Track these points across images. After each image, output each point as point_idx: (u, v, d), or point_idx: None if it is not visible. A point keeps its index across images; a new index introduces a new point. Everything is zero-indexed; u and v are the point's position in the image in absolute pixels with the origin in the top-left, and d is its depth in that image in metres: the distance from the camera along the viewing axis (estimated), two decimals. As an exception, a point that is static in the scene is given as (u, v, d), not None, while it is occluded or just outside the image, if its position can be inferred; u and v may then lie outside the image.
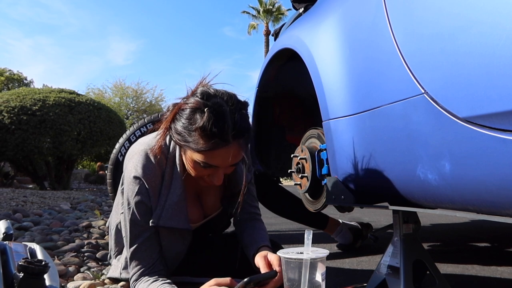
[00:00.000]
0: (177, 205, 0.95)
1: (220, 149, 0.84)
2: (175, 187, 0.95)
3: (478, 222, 2.44)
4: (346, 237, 1.62)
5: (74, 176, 9.07)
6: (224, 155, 0.86)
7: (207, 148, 0.84)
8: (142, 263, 0.94)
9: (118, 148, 1.81)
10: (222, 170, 0.91)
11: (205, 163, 0.87)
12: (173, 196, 0.95)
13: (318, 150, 1.13)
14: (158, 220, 0.93)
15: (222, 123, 0.83)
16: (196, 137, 0.84)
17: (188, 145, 0.86)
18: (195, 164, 0.90)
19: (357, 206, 1.03)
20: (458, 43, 0.63)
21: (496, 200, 0.60)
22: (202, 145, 0.84)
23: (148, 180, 0.93)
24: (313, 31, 1.13)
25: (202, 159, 0.87)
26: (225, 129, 0.83)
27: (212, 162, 0.87)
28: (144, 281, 0.92)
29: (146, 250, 0.94)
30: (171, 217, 0.94)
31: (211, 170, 0.90)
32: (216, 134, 0.82)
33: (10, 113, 5.26)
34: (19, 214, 2.25)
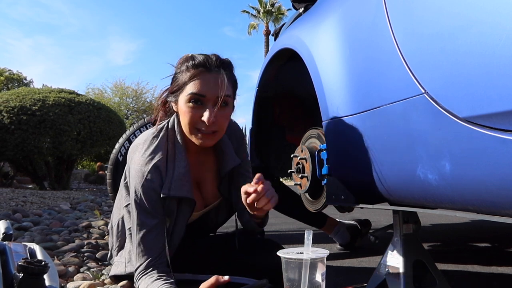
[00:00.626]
0: (184, 176, 1.00)
1: (204, 74, 0.96)
2: (180, 160, 1.01)
3: (478, 222, 2.44)
4: (344, 237, 1.62)
5: (74, 176, 9.07)
6: (209, 81, 0.96)
7: (193, 75, 0.96)
8: (148, 253, 0.96)
9: (118, 148, 1.81)
10: (211, 106, 0.96)
11: (194, 93, 0.95)
12: (180, 168, 1.00)
13: (318, 150, 1.13)
14: (169, 191, 0.97)
15: (205, 56, 0.99)
16: (185, 73, 0.97)
17: (179, 84, 0.98)
18: (187, 108, 0.97)
19: (357, 206, 1.03)
20: (458, 43, 0.63)
21: (496, 200, 0.60)
22: (189, 75, 0.96)
23: (157, 163, 0.98)
24: (313, 31, 1.13)
25: (191, 90, 0.95)
26: (208, 59, 0.98)
27: (199, 90, 0.95)
28: (149, 277, 0.93)
29: (153, 239, 0.96)
30: (180, 187, 0.99)
31: (202, 110, 0.96)
32: (200, 63, 0.97)
33: (10, 113, 5.26)
34: (19, 214, 2.25)
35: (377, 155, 0.86)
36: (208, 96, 0.96)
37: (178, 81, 0.99)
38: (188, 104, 0.96)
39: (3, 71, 18.55)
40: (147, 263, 0.95)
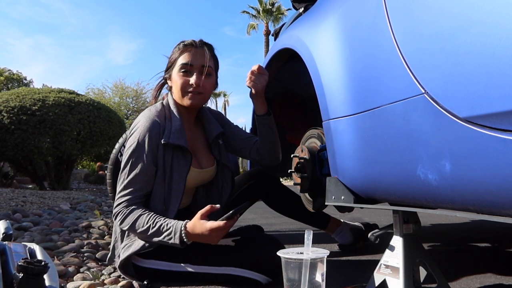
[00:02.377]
0: (180, 131, 1.18)
1: (191, 48, 1.23)
2: (175, 120, 1.21)
3: (478, 222, 2.44)
4: (346, 237, 1.62)
5: (73, 176, 9.08)
6: (195, 53, 1.22)
7: (182, 51, 1.23)
8: (133, 193, 1.11)
9: (118, 148, 1.81)
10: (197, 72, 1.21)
11: (183, 63, 1.21)
12: (175, 124, 1.19)
13: (318, 150, 1.13)
14: (169, 139, 1.15)
15: (193, 40, 1.26)
16: (176, 53, 1.24)
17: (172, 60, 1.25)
18: (178, 77, 1.21)
19: (357, 206, 1.03)
20: (458, 43, 0.63)
21: (496, 200, 0.60)
22: (179, 51, 1.23)
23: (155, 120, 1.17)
24: (313, 31, 1.13)
25: (181, 62, 1.21)
26: (195, 41, 1.25)
27: (187, 59, 1.21)
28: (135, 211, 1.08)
29: (140, 181, 1.12)
30: (177, 137, 1.16)
31: (190, 76, 1.21)
32: (188, 43, 1.24)
33: (10, 113, 5.26)
34: (19, 214, 2.25)
35: (377, 155, 0.86)
36: (195, 65, 1.21)
37: (171, 59, 1.25)
38: (179, 73, 1.21)
39: (3, 71, 18.55)
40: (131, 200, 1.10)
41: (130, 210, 1.09)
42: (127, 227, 1.09)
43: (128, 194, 1.11)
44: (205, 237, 1.01)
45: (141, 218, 1.06)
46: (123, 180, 1.13)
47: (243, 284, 1.09)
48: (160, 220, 1.05)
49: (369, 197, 0.98)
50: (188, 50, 1.22)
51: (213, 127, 1.33)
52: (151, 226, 1.04)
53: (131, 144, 1.14)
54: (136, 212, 1.08)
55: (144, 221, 1.05)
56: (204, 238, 1.02)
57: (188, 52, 1.21)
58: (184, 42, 1.25)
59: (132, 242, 1.13)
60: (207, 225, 0.99)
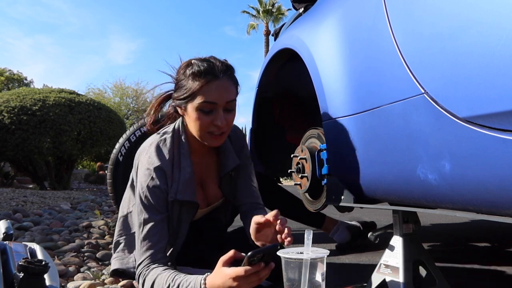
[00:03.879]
0: (189, 181, 1.06)
1: (213, 82, 0.99)
2: (185, 165, 1.06)
3: (478, 222, 2.44)
4: (343, 236, 1.62)
5: (74, 176, 9.08)
6: (218, 88, 0.99)
7: (202, 84, 0.98)
8: (152, 248, 0.99)
9: (118, 148, 1.81)
10: (221, 110, 1.01)
11: (205, 102, 0.99)
12: (185, 173, 1.05)
13: (318, 150, 1.13)
14: (176, 195, 1.03)
15: (209, 62, 1.01)
16: (191, 82, 1.00)
17: (186, 95, 1.01)
18: (198, 114, 1.01)
19: (357, 206, 1.03)
20: (458, 43, 0.63)
21: (496, 200, 0.60)
22: (197, 85, 0.99)
23: (162, 165, 1.03)
24: (313, 31, 1.13)
25: (201, 100, 0.99)
26: (213, 66, 1.00)
27: (210, 98, 0.99)
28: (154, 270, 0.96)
29: (157, 234, 1.01)
30: (185, 191, 1.04)
31: (213, 115, 1.01)
32: (206, 70, 0.99)
33: (10, 113, 5.27)
34: (19, 214, 2.25)
35: (377, 155, 0.87)
36: (219, 103, 1.00)
37: (185, 88, 1.01)
38: (199, 111, 1.01)
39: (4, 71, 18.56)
40: (151, 258, 0.98)
41: (150, 270, 0.97)
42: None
43: (147, 250, 0.99)
44: None
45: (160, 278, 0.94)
46: (139, 235, 1.01)
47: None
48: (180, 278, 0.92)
49: (369, 197, 0.98)
50: (209, 83, 0.99)
51: (230, 159, 1.16)
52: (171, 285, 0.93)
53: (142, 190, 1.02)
54: (155, 272, 0.96)
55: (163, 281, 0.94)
56: None
57: (211, 87, 0.99)
58: (201, 67, 1.00)
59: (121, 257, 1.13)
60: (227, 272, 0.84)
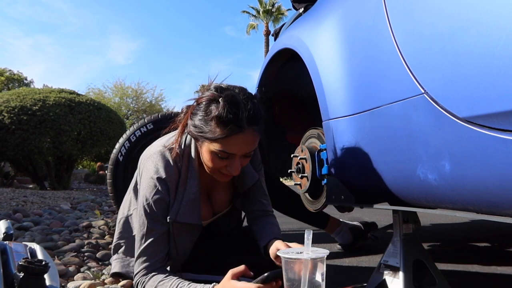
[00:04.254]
0: (193, 202, 0.98)
1: (236, 135, 0.88)
2: (191, 185, 0.99)
3: (478, 222, 2.44)
4: (346, 237, 1.62)
5: (74, 176, 9.08)
6: (241, 142, 0.89)
7: (224, 135, 0.87)
8: (152, 258, 0.95)
9: (118, 148, 1.81)
10: (238, 159, 0.92)
11: (222, 151, 0.90)
12: (190, 193, 0.98)
13: (318, 150, 1.13)
14: (176, 216, 0.96)
15: (237, 110, 0.87)
16: (213, 126, 0.88)
17: (205, 136, 0.90)
18: (212, 156, 0.92)
19: (357, 206, 1.03)
20: (458, 43, 0.63)
21: (496, 200, 0.60)
22: (219, 133, 0.88)
23: (168, 178, 0.96)
24: (313, 31, 1.13)
25: (219, 148, 0.89)
26: (240, 116, 0.87)
27: (229, 149, 0.90)
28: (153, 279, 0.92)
29: (159, 245, 0.96)
30: (187, 213, 0.97)
31: (228, 161, 0.92)
32: (231, 121, 0.86)
33: (11, 113, 5.27)
34: (19, 214, 2.26)
35: (377, 155, 0.87)
36: (238, 154, 0.91)
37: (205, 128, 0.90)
38: (214, 154, 0.91)
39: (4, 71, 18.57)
40: (149, 268, 0.94)
41: (149, 278, 0.93)
42: None
43: (147, 260, 0.95)
44: None
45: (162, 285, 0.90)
46: (140, 245, 0.96)
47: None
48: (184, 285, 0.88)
49: (369, 197, 0.98)
50: (231, 135, 0.88)
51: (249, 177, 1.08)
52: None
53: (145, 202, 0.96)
54: (156, 279, 0.92)
55: None
56: None
57: (233, 140, 0.88)
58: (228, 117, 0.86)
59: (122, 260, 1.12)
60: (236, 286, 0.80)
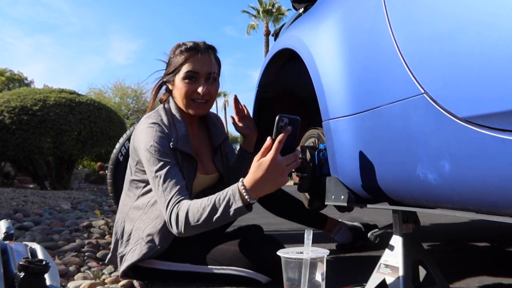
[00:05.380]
0: (185, 137, 1.15)
1: (196, 55, 1.16)
2: (179, 125, 1.17)
3: (478, 222, 2.44)
4: (345, 237, 1.62)
5: (74, 176, 9.09)
6: (201, 60, 1.16)
7: (186, 57, 1.16)
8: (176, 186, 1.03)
9: (118, 148, 1.81)
10: (203, 81, 1.16)
11: (188, 71, 1.15)
12: (181, 131, 1.16)
13: (318, 150, 1.13)
14: (176, 143, 1.11)
15: (195, 42, 1.19)
16: (178, 57, 1.17)
17: (174, 68, 1.17)
18: (183, 83, 1.16)
19: (357, 206, 1.03)
20: (457, 43, 0.63)
21: (495, 200, 0.61)
22: (182, 58, 1.16)
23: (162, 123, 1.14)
24: (313, 31, 1.13)
25: (187, 69, 1.15)
26: (198, 44, 1.19)
27: (193, 68, 1.15)
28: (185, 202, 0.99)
29: (175, 175, 1.06)
30: (184, 144, 1.14)
31: (196, 84, 1.16)
32: (192, 47, 1.17)
33: (11, 113, 5.27)
34: (20, 214, 2.26)
35: (377, 155, 0.87)
36: (201, 72, 1.16)
37: (173, 63, 1.18)
38: (184, 81, 1.16)
39: (4, 71, 18.59)
40: (179, 194, 1.02)
41: (181, 204, 0.98)
42: (183, 227, 0.96)
43: (171, 189, 1.01)
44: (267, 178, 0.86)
45: (193, 205, 0.95)
46: (159, 184, 1.03)
47: (243, 284, 1.09)
48: (213, 196, 0.93)
49: (369, 197, 0.98)
50: (192, 56, 1.16)
51: (219, 132, 1.31)
52: (206, 206, 0.92)
53: (149, 144, 1.08)
54: (187, 203, 0.97)
55: (198, 206, 0.93)
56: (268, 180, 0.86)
57: (193, 59, 1.16)
58: (187, 45, 1.18)
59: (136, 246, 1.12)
60: (265, 160, 0.85)
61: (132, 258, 1.11)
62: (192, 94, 1.16)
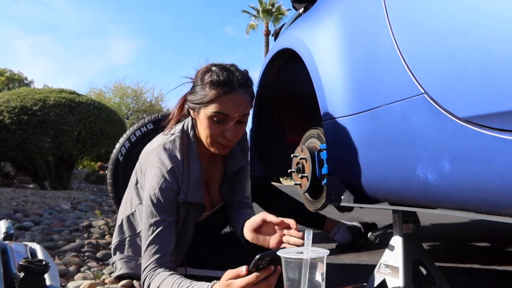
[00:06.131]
0: (198, 182, 1.06)
1: (228, 95, 0.98)
2: (194, 167, 1.06)
3: (478, 222, 2.44)
4: (344, 237, 1.62)
5: (74, 176, 9.08)
6: (233, 102, 0.99)
7: (217, 95, 0.98)
8: (160, 250, 0.98)
9: (118, 148, 1.81)
10: (233, 124, 1.01)
11: (217, 112, 0.99)
12: (194, 174, 1.05)
13: (318, 150, 1.13)
14: (186, 197, 1.02)
15: (228, 74, 1.00)
16: (207, 90, 0.99)
17: (201, 101, 1.00)
18: (209, 122, 1.01)
19: (357, 206, 1.03)
20: (457, 43, 0.63)
21: (495, 200, 0.61)
22: (213, 94, 0.98)
23: (174, 167, 1.03)
24: (313, 31, 1.13)
25: (214, 110, 0.99)
26: (231, 78, 0.99)
27: (223, 110, 0.99)
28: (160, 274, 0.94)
29: (167, 236, 1.00)
30: (194, 193, 1.04)
31: (223, 126, 1.01)
32: (224, 82, 0.98)
33: (11, 113, 5.27)
34: (20, 214, 2.26)
35: (377, 155, 0.87)
36: (231, 115, 1.00)
37: (201, 95, 1.01)
38: (211, 120, 1.01)
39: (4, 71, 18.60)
40: (158, 262, 0.97)
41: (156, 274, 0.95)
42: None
43: (156, 252, 0.98)
44: None
45: (166, 283, 0.92)
46: (147, 236, 0.99)
47: None
48: (185, 284, 0.90)
49: (369, 197, 0.98)
50: (224, 95, 0.99)
51: (237, 160, 1.17)
52: None
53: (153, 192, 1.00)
54: (161, 276, 0.94)
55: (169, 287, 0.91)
56: None
57: (225, 98, 0.99)
58: (219, 77, 0.99)
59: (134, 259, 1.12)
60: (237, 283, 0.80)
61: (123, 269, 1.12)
62: (217, 137, 1.03)
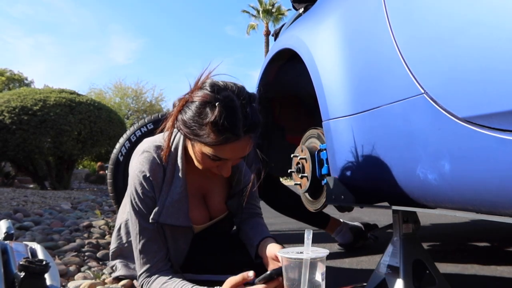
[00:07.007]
0: (178, 203, 0.95)
1: (232, 143, 0.84)
2: (176, 185, 0.96)
3: (478, 222, 2.44)
4: (346, 237, 1.63)
5: (74, 176, 9.09)
6: (235, 149, 0.86)
7: (219, 142, 0.83)
8: (151, 259, 0.94)
9: (118, 148, 1.82)
10: (231, 162, 0.91)
11: (215, 156, 0.87)
12: (174, 194, 0.95)
13: (318, 150, 1.13)
14: (158, 217, 0.93)
15: (234, 118, 0.82)
16: (207, 131, 0.83)
17: (198, 139, 0.86)
18: (203, 157, 0.89)
19: (357, 206, 1.03)
20: (457, 43, 0.63)
21: (495, 200, 0.61)
22: (213, 139, 0.83)
23: (152, 177, 0.94)
24: (313, 31, 1.13)
25: (212, 153, 0.86)
26: (237, 124, 0.82)
27: (223, 155, 0.87)
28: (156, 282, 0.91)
29: (154, 244, 0.95)
30: (171, 214, 0.94)
31: (220, 163, 0.90)
32: (228, 129, 0.81)
33: (11, 113, 5.28)
34: (20, 214, 2.26)
35: (376, 155, 0.87)
36: (231, 159, 0.90)
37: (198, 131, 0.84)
38: (206, 156, 0.88)
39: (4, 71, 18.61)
40: (152, 269, 0.94)
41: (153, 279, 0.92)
42: None
43: (148, 261, 0.93)
44: None
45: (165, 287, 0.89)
46: (136, 244, 0.94)
47: None
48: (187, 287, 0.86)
49: (369, 196, 0.98)
50: (226, 143, 0.84)
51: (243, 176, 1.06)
52: None
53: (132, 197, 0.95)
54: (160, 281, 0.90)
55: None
56: None
57: (228, 147, 0.85)
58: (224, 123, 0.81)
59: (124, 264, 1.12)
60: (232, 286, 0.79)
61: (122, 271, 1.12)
62: (212, 168, 0.93)
